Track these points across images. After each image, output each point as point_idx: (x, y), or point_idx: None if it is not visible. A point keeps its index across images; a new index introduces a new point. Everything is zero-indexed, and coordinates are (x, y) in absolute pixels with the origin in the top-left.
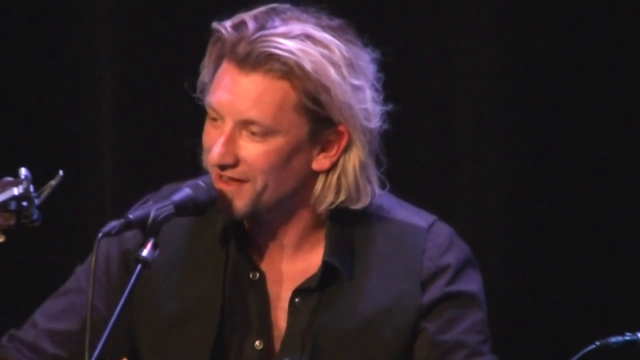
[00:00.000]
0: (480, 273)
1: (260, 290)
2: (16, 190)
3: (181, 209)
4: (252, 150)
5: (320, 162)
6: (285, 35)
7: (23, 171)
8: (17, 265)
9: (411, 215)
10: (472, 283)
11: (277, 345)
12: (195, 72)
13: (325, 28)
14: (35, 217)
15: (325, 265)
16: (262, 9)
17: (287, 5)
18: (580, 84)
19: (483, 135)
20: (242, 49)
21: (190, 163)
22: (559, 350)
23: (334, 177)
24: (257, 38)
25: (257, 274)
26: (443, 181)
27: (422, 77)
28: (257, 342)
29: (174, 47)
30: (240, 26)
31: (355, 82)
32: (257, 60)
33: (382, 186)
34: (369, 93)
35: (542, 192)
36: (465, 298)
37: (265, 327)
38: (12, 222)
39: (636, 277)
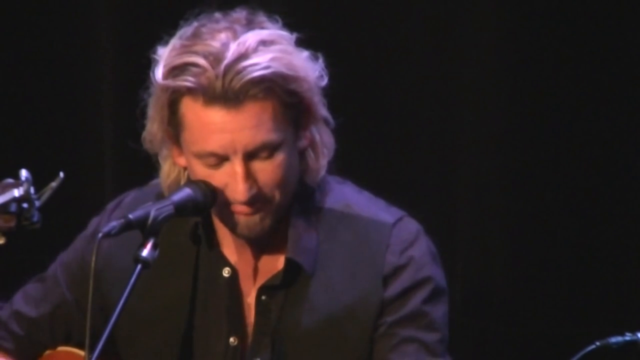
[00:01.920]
0: (443, 271)
1: (233, 287)
2: (17, 192)
3: (181, 209)
4: (267, 170)
5: (303, 140)
6: (245, 56)
7: (24, 173)
8: (18, 267)
9: (379, 211)
10: (434, 276)
11: (251, 341)
12: None
13: (253, 24)
14: (35, 218)
15: (289, 262)
16: (178, 42)
17: (194, 24)
18: (581, 83)
19: (484, 134)
20: (217, 88)
21: None
22: (559, 350)
23: (316, 146)
24: (225, 71)
25: (230, 271)
26: (444, 181)
27: (423, 76)
28: (232, 339)
29: None
30: (189, 69)
31: (303, 54)
32: (240, 91)
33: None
34: (308, 56)
35: (542, 192)
36: (425, 291)
37: (238, 323)
38: (13, 224)
39: (636, 277)
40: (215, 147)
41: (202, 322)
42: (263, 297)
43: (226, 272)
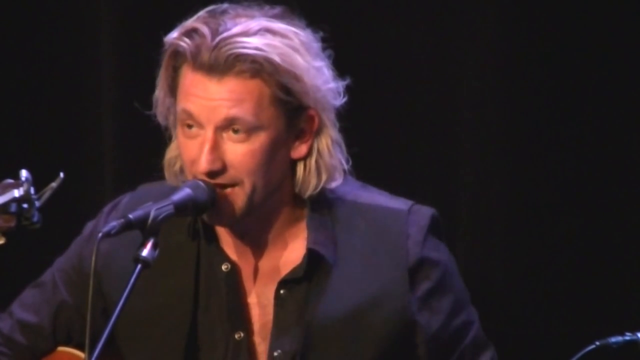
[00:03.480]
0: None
1: (233, 282)
2: (17, 192)
3: (181, 209)
4: (237, 151)
5: (298, 149)
6: (245, 34)
7: (24, 173)
8: (18, 267)
9: (390, 200)
10: (455, 275)
11: (258, 337)
12: None
13: (274, 18)
14: (35, 219)
15: (310, 253)
16: (203, 13)
17: (225, 5)
18: (581, 82)
19: (485, 134)
20: (205, 56)
21: None
22: (559, 350)
23: (312, 161)
24: (218, 43)
25: (229, 266)
26: (445, 181)
27: (424, 75)
28: (237, 335)
29: None
30: (192, 34)
31: (317, 63)
32: (225, 64)
33: (346, 161)
34: (327, 72)
35: (543, 192)
36: (455, 289)
37: (242, 319)
38: (13, 224)
39: (636, 277)
40: (192, 107)
41: (205, 319)
42: (282, 292)
43: (225, 267)
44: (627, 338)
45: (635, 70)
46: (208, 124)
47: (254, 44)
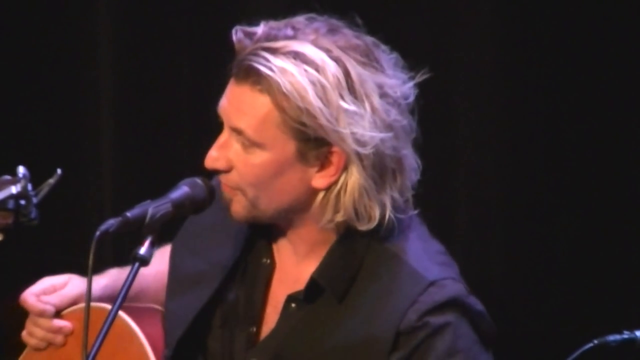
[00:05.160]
0: (476, 337)
1: (264, 280)
2: (14, 189)
3: (179, 207)
4: (241, 158)
5: (319, 180)
6: (275, 51)
7: (21, 169)
8: (16, 264)
9: (431, 265)
10: (449, 347)
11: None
12: (194, 72)
13: (333, 46)
14: (33, 215)
15: (312, 281)
16: (298, 17)
17: (322, 18)
18: (579, 82)
19: (483, 135)
20: (239, 59)
21: (188, 162)
22: (558, 349)
23: (332, 196)
24: (252, 50)
25: (269, 261)
26: (443, 181)
27: (422, 75)
28: (252, 328)
29: (173, 47)
30: (250, 35)
31: (347, 105)
32: (245, 72)
33: (404, 210)
34: (368, 118)
35: (541, 192)
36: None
37: (258, 317)
38: (10, 220)
39: (635, 276)
40: (220, 104)
41: (231, 302)
42: (292, 305)
43: (265, 261)
44: (625, 336)
45: (634, 71)
46: (226, 124)
47: (271, 63)
